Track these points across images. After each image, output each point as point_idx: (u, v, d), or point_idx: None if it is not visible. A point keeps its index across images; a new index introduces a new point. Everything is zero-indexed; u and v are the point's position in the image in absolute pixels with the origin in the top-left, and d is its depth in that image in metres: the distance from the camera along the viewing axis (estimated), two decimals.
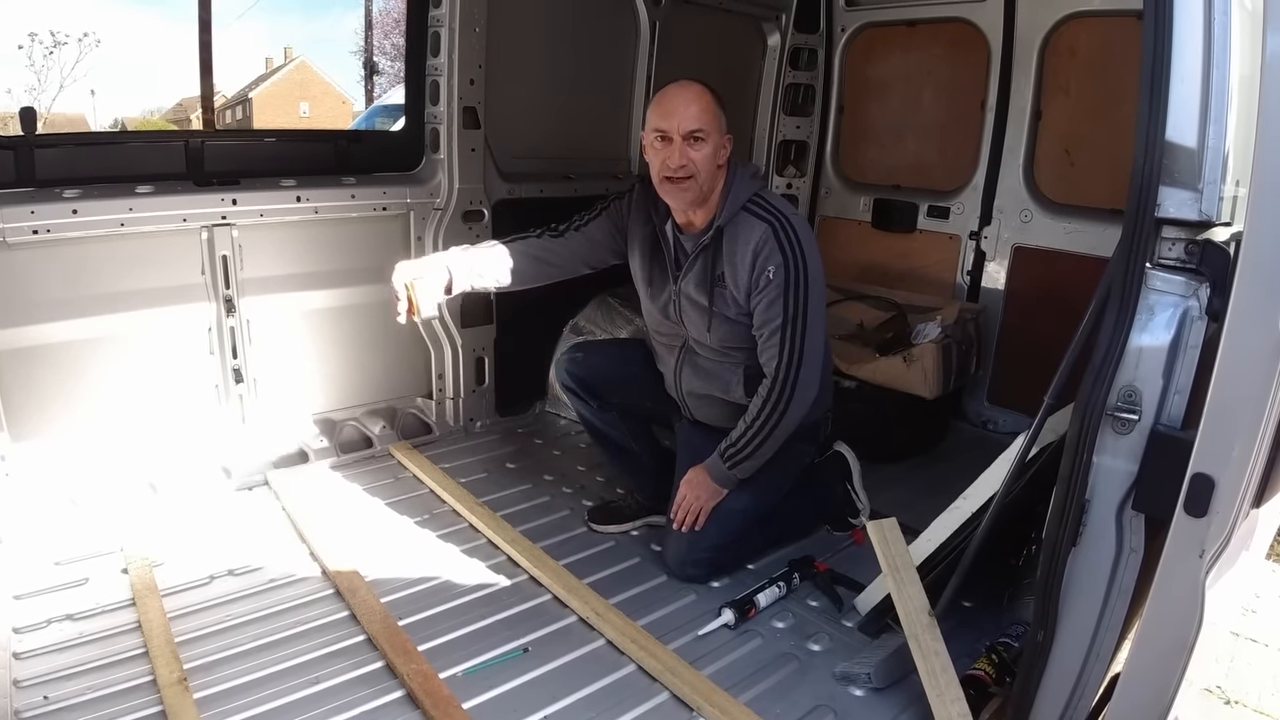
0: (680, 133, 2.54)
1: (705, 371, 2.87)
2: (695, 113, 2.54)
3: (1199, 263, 1.67)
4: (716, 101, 2.60)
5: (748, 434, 2.67)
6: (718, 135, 2.58)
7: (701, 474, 2.78)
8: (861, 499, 3.17)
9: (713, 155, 2.58)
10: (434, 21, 3.61)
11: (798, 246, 2.56)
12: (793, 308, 2.56)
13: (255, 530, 3.04)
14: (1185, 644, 1.73)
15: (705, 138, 2.55)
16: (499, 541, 2.99)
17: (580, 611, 2.62)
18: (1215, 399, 1.59)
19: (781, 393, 2.61)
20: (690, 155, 2.55)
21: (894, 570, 2.37)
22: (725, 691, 2.27)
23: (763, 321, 2.62)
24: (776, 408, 2.62)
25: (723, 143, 2.61)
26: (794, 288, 2.55)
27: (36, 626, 2.46)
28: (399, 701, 2.21)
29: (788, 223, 2.58)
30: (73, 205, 2.93)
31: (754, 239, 2.58)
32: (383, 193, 3.65)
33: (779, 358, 2.60)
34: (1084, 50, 3.91)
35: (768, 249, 2.57)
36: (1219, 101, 1.62)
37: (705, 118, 2.55)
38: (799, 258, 2.56)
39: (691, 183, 2.57)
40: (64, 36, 27.29)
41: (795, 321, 2.57)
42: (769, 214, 2.60)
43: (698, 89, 2.58)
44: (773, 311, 2.58)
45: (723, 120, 2.61)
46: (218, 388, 3.44)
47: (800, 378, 2.60)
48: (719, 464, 2.73)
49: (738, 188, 2.64)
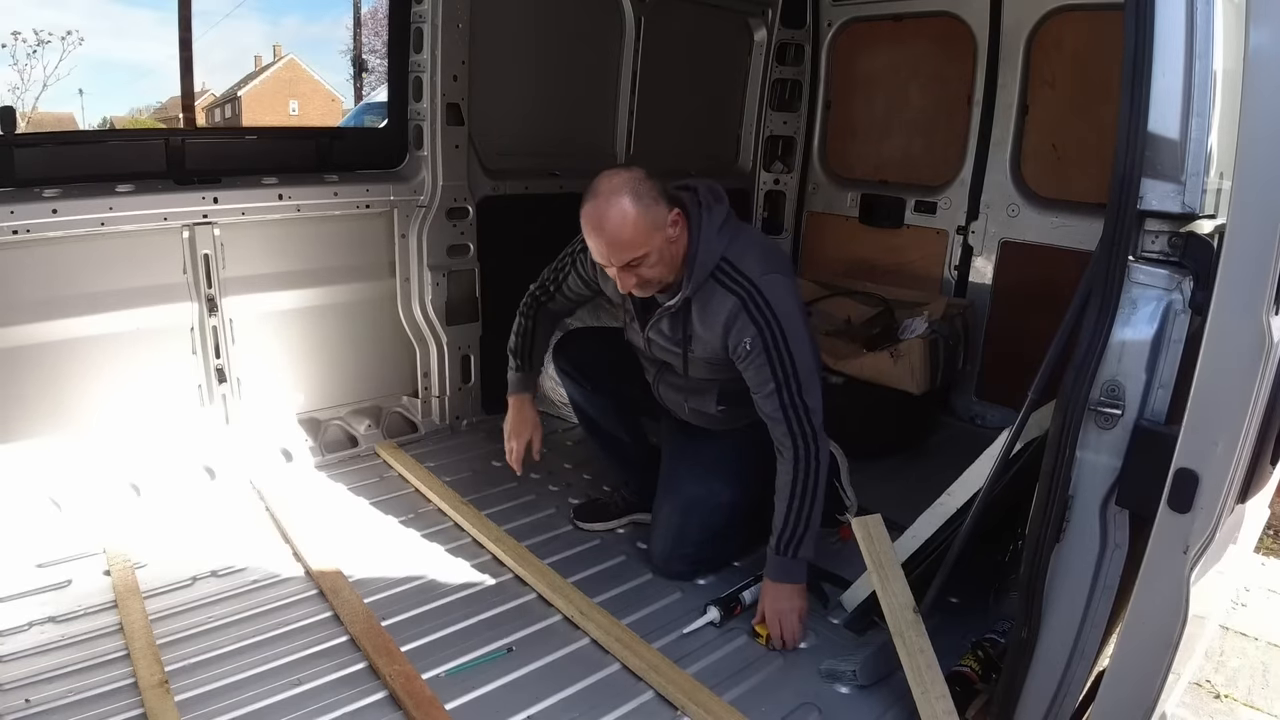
0: (618, 265, 2.43)
1: (681, 389, 2.85)
2: (623, 245, 2.37)
3: (1182, 256, 1.66)
4: (641, 208, 2.36)
5: (791, 515, 2.53)
6: (658, 237, 2.40)
7: (771, 589, 2.57)
8: (849, 495, 3.16)
9: (660, 257, 2.44)
10: (416, 18, 3.59)
11: (770, 313, 2.45)
12: (781, 371, 2.47)
13: (238, 531, 3.02)
14: (1170, 640, 1.73)
15: (646, 255, 2.40)
16: (484, 540, 2.98)
17: (565, 610, 2.61)
18: (1199, 393, 1.58)
19: (808, 455, 2.50)
20: (639, 274, 2.45)
21: (879, 567, 2.36)
22: (709, 689, 2.26)
23: (756, 385, 2.54)
24: (810, 468, 2.51)
25: (667, 230, 2.42)
26: (776, 352, 2.46)
27: (18, 629, 2.44)
28: (381, 703, 2.20)
29: (757, 292, 2.46)
30: (52, 205, 2.90)
31: (724, 312, 2.49)
32: (366, 190, 3.63)
33: (786, 423, 2.50)
34: (1070, 44, 3.91)
35: (739, 323, 2.48)
36: (1202, 94, 1.60)
37: (636, 241, 2.37)
38: (773, 323, 2.45)
39: (650, 285, 2.52)
40: (47, 35, 27.13)
41: (789, 383, 2.47)
42: (737, 285, 2.48)
43: (616, 216, 2.35)
44: (762, 377, 2.50)
45: (657, 212, 2.38)
46: (200, 388, 3.42)
47: (816, 429, 2.50)
48: (780, 563, 2.56)
49: (703, 254, 2.49)
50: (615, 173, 2.43)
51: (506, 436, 3.01)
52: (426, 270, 3.77)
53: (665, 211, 2.41)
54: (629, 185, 2.36)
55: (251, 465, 3.43)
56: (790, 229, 5.15)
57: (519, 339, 3.01)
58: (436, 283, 3.80)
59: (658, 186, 2.42)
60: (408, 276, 3.81)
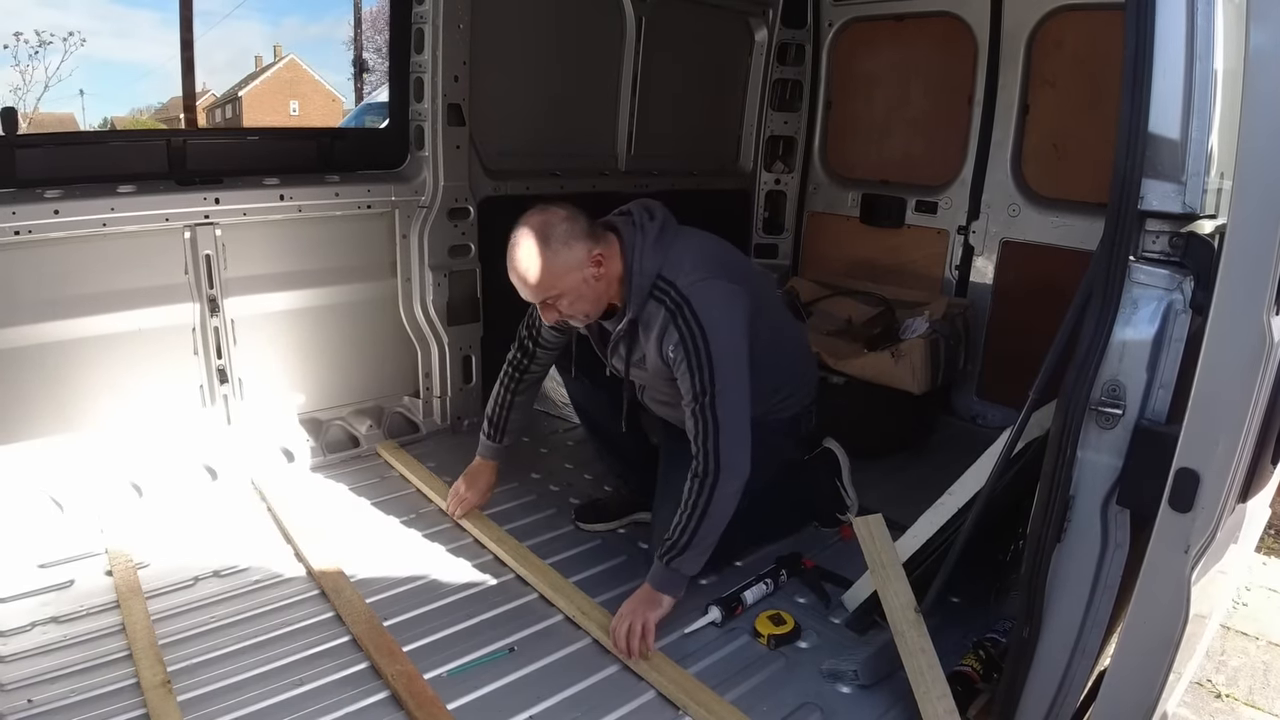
0: (535, 302, 2.54)
1: (659, 403, 2.86)
2: (533, 286, 2.45)
3: (1183, 256, 1.66)
4: (549, 252, 2.41)
5: (678, 525, 2.49)
6: (572, 278, 2.44)
7: (640, 591, 2.54)
8: (850, 495, 3.17)
9: (578, 295, 2.48)
10: (417, 18, 3.58)
11: (693, 321, 2.44)
12: (698, 379, 2.44)
13: (240, 531, 3.02)
14: (1171, 640, 1.73)
15: (559, 295, 2.47)
16: (485, 541, 2.98)
17: (566, 610, 2.61)
18: (1200, 393, 1.58)
19: (706, 467, 2.46)
20: (559, 309, 2.51)
21: (880, 567, 2.36)
22: (711, 689, 2.26)
23: (683, 393, 2.52)
24: (705, 485, 2.45)
25: (585, 270, 2.46)
26: (695, 357, 2.44)
27: (20, 630, 2.44)
28: (383, 703, 2.20)
29: (684, 300, 2.46)
30: (54, 205, 2.90)
31: (656, 326, 2.51)
32: (367, 190, 3.63)
33: (695, 431, 2.48)
34: (1071, 43, 3.91)
35: (668, 332, 2.48)
36: (1202, 94, 1.60)
37: (545, 283, 2.43)
38: (696, 329, 2.44)
39: (577, 319, 2.58)
40: (49, 36, 27.09)
41: (704, 393, 2.44)
42: (668, 297, 2.48)
43: (523, 259, 2.42)
44: (684, 386, 2.49)
45: (569, 254, 2.42)
46: (202, 388, 3.42)
47: (721, 446, 2.45)
48: (658, 568, 2.53)
49: (638, 278, 2.51)
50: (532, 214, 2.47)
51: (456, 484, 3.17)
52: (428, 271, 3.77)
53: (583, 252, 2.44)
54: (539, 228, 2.42)
55: (253, 466, 3.43)
56: (791, 229, 5.15)
57: (497, 409, 3.09)
58: (438, 283, 3.80)
59: (580, 226, 2.46)
60: (409, 277, 3.81)
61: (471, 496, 3.13)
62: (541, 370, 3.07)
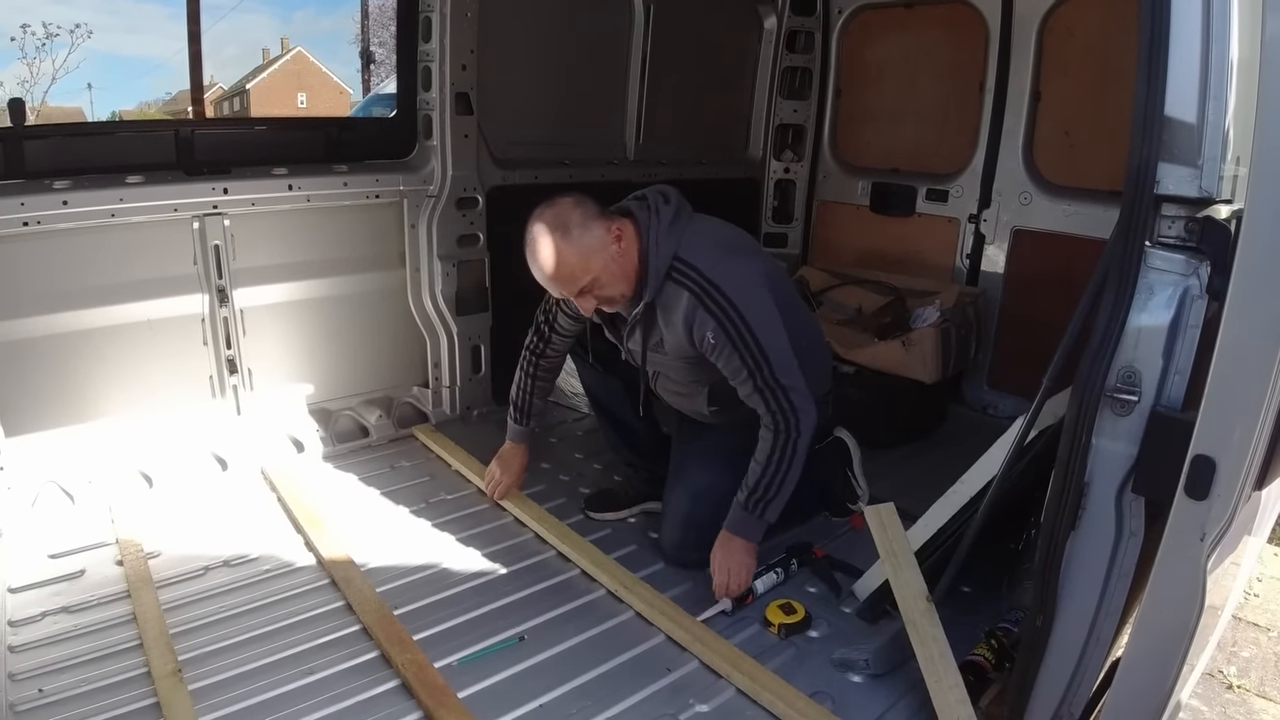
0: (571, 295, 2.54)
1: (672, 392, 2.88)
2: (564, 279, 2.46)
3: (1199, 241, 1.64)
4: (570, 240, 2.42)
5: (765, 477, 2.57)
6: (599, 259, 2.45)
7: (727, 540, 2.65)
8: (861, 484, 3.16)
9: (610, 277, 2.49)
10: (425, 7, 3.58)
11: (726, 301, 2.47)
12: (750, 357, 2.50)
13: (250, 521, 3.03)
14: (1186, 629, 1.71)
15: (593, 279, 2.47)
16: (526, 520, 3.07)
17: (609, 585, 2.68)
18: (1216, 379, 1.56)
19: (787, 425, 2.54)
20: (595, 296, 2.52)
21: (891, 556, 2.36)
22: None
23: (731, 374, 2.57)
24: (789, 440, 2.55)
25: (609, 249, 2.47)
26: (740, 339, 2.48)
27: (31, 619, 2.45)
28: (393, 691, 2.21)
29: (709, 284, 2.48)
30: (63, 196, 2.91)
31: (682, 309, 2.52)
32: (375, 180, 3.63)
33: (764, 404, 2.55)
34: (1083, 30, 3.87)
35: (698, 317, 2.50)
36: (1219, 78, 1.58)
37: (576, 272, 2.45)
38: (731, 311, 2.47)
39: (614, 302, 2.58)
40: (56, 29, 27.12)
41: (761, 366, 2.50)
42: (691, 280, 2.50)
43: (547, 255, 2.43)
44: (734, 365, 2.53)
45: (591, 236, 2.43)
46: (212, 378, 3.43)
47: (795, 404, 2.53)
48: (743, 516, 2.62)
49: (654, 258, 2.52)
50: (540, 211, 2.48)
51: (491, 467, 3.23)
52: (436, 260, 3.77)
53: (601, 231, 2.46)
54: (554, 221, 2.43)
55: (263, 455, 3.44)
56: (800, 218, 5.12)
57: (519, 394, 3.14)
58: (446, 273, 3.79)
59: (592, 208, 2.48)
60: (418, 267, 3.81)
61: (507, 479, 3.19)
62: (559, 355, 3.09)
